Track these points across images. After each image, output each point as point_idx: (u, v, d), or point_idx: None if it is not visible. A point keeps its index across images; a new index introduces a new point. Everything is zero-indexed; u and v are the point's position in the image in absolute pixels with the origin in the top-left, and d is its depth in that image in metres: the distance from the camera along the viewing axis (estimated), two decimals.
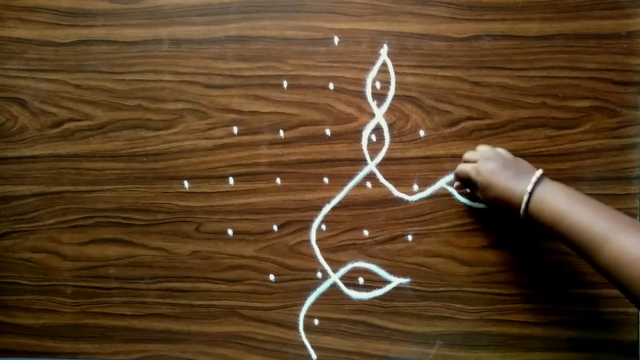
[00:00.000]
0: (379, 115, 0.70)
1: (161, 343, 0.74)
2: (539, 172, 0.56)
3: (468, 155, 0.65)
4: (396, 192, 0.70)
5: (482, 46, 0.68)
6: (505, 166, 0.58)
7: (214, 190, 0.72)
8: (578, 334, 0.69)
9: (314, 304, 0.72)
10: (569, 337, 0.70)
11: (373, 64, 0.69)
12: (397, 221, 0.70)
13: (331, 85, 0.69)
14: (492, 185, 0.58)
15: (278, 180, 0.71)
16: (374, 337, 0.71)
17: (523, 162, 0.60)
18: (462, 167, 0.63)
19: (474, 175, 0.60)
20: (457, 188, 0.68)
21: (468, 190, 0.68)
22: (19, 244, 0.74)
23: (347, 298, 0.71)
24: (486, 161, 0.60)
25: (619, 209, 0.67)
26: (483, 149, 0.63)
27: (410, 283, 0.71)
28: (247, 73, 0.70)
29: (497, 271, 0.70)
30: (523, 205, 0.55)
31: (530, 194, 0.55)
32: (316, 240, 0.71)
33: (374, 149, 0.70)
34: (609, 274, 0.48)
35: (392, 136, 0.70)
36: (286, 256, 0.72)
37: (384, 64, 0.69)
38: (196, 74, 0.70)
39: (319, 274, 0.71)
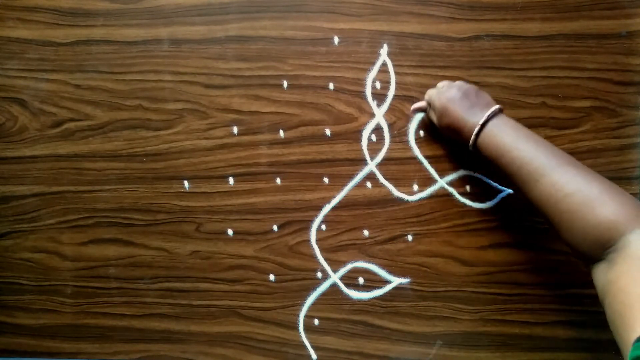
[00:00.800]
0: (379, 115, 0.70)
1: (161, 343, 0.74)
2: (496, 107, 0.57)
3: (440, 83, 0.65)
4: (396, 192, 0.70)
5: (482, 46, 0.68)
6: (464, 96, 0.59)
7: (214, 190, 0.72)
8: (578, 334, 0.69)
9: (314, 304, 0.72)
10: (569, 337, 0.70)
11: (373, 64, 0.69)
12: (397, 221, 0.70)
13: (331, 85, 0.69)
14: (448, 112, 0.59)
15: (278, 180, 0.71)
16: (374, 337, 0.71)
17: (485, 96, 0.60)
18: (428, 91, 0.65)
19: (435, 99, 0.62)
20: (414, 110, 0.68)
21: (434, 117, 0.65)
22: (19, 244, 0.74)
23: (347, 298, 0.71)
24: (449, 88, 0.61)
25: None
26: (455, 82, 0.63)
27: (410, 283, 0.71)
28: (247, 73, 0.70)
29: (497, 271, 0.70)
30: (473, 137, 0.56)
31: (482, 127, 0.56)
32: (316, 240, 0.71)
33: (374, 149, 0.70)
34: (542, 208, 0.49)
35: (392, 136, 0.70)
36: (286, 256, 0.72)
37: (384, 64, 0.69)
38: (196, 74, 0.70)
39: (319, 274, 0.71)
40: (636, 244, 0.41)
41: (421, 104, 0.67)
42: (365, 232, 0.71)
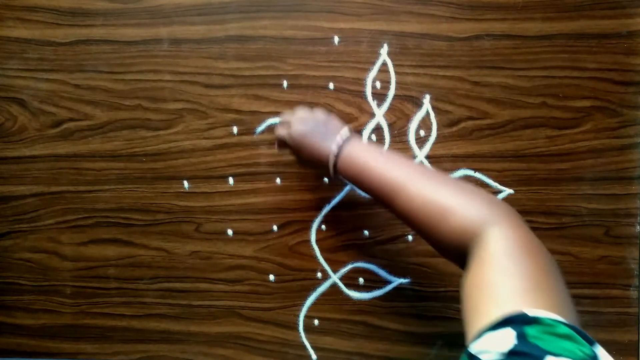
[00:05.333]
0: (379, 115, 0.70)
1: (161, 343, 0.74)
2: (344, 131, 0.57)
3: (284, 117, 0.64)
4: None
5: (482, 46, 0.68)
6: (315, 128, 0.59)
7: (214, 190, 0.72)
8: None
9: (314, 304, 0.72)
10: None
11: (373, 63, 0.69)
12: (397, 221, 0.70)
13: (331, 85, 0.69)
14: (303, 148, 0.59)
15: (278, 180, 0.71)
16: (374, 338, 0.71)
17: (333, 122, 0.60)
18: (277, 132, 0.63)
19: (287, 139, 0.61)
20: (278, 148, 0.65)
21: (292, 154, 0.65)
22: (18, 244, 0.74)
23: (347, 298, 0.71)
24: (297, 124, 0.60)
25: (619, 209, 0.68)
26: (297, 112, 0.62)
27: (410, 283, 0.71)
28: (247, 73, 0.70)
29: None
30: (331, 168, 0.57)
31: (337, 154, 0.56)
32: (316, 240, 0.71)
33: None
34: (405, 223, 0.51)
35: (392, 136, 0.69)
36: (286, 256, 0.72)
37: (384, 64, 0.69)
38: (196, 74, 0.70)
39: (319, 274, 0.71)
40: (488, 239, 0.42)
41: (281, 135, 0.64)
42: (366, 232, 0.71)
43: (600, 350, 0.32)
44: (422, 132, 0.69)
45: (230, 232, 0.72)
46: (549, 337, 0.32)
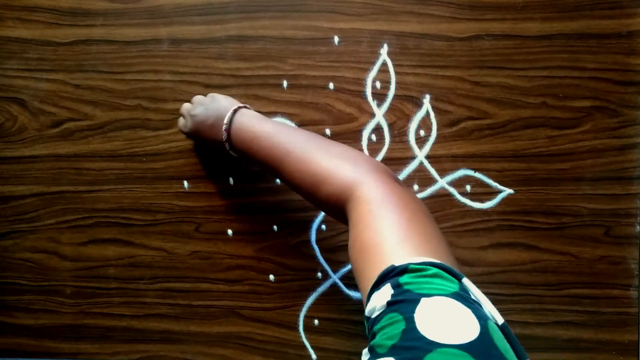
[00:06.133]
0: (379, 115, 0.70)
1: (161, 343, 0.74)
2: (230, 111, 0.60)
3: (181, 109, 0.66)
4: None
5: (482, 46, 0.68)
6: (206, 115, 0.61)
7: (214, 190, 0.72)
8: (578, 334, 0.69)
9: (314, 304, 0.72)
10: (569, 337, 0.70)
11: (373, 63, 0.69)
12: None
13: (331, 85, 0.69)
14: (200, 136, 0.63)
15: (278, 180, 0.71)
16: None
17: (224, 102, 0.62)
18: (179, 123, 0.67)
19: (185, 130, 0.65)
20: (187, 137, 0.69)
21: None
22: (18, 244, 0.74)
23: (347, 298, 0.71)
24: (190, 117, 0.63)
25: (619, 209, 0.68)
26: (193, 101, 0.65)
27: None
28: (247, 73, 0.70)
29: (497, 271, 0.70)
30: (224, 139, 0.59)
31: (228, 128, 0.59)
32: (316, 240, 0.71)
33: (374, 149, 0.70)
34: (292, 189, 0.55)
35: (392, 136, 0.69)
36: (286, 256, 0.72)
37: (384, 64, 0.69)
38: (196, 74, 0.70)
39: (319, 274, 0.71)
40: (357, 200, 0.45)
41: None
42: None
43: (467, 282, 0.36)
44: (422, 132, 0.69)
45: (230, 232, 0.72)
46: (420, 280, 0.34)
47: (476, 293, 0.35)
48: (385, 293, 0.35)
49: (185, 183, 0.72)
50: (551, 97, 0.68)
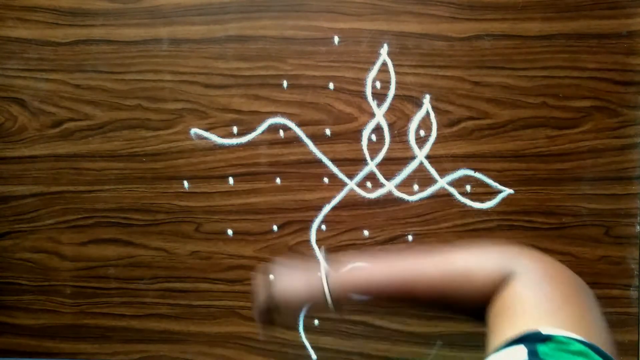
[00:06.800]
0: (379, 115, 0.70)
1: (161, 343, 0.74)
2: (323, 272, 0.51)
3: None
4: (396, 192, 0.70)
5: (482, 46, 0.68)
6: (282, 282, 0.53)
7: (214, 190, 0.71)
8: None
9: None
10: None
11: (373, 63, 0.69)
12: (397, 221, 0.70)
13: (331, 85, 0.69)
14: (286, 311, 0.53)
15: (278, 180, 0.71)
16: (374, 338, 0.71)
17: (294, 271, 0.54)
18: (255, 316, 0.54)
19: (266, 311, 0.53)
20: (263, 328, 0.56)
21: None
22: (18, 244, 0.74)
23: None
24: (259, 296, 0.53)
25: (619, 209, 0.68)
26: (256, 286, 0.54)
27: None
28: (247, 73, 0.70)
29: None
30: (330, 305, 0.50)
31: (330, 291, 0.50)
32: (316, 240, 0.71)
33: (374, 149, 0.70)
34: (432, 303, 0.48)
35: (392, 136, 0.69)
36: (286, 256, 0.72)
37: (384, 64, 0.69)
38: (196, 74, 0.70)
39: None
40: (518, 272, 0.40)
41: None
42: (365, 232, 0.71)
43: None
44: (422, 132, 0.69)
45: (230, 232, 0.72)
46: (561, 354, 0.31)
47: None
48: (517, 355, 0.32)
49: (185, 183, 0.72)
50: (551, 97, 0.68)
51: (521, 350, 0.32)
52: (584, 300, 0.38)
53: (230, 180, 0.71)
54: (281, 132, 0.70)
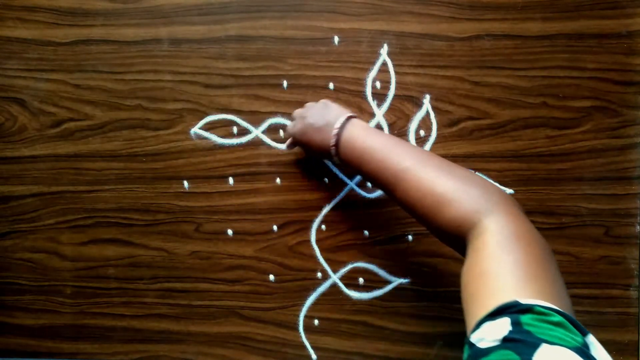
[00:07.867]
0: (379, 115, 0.70)
1: (161, 343, 0.74)
2: (341, 119, 0.58)
3: (293, 115, 0.67)
4: None
5: (482, 46, 0.68)
6: (316, 119, 0.61)
7: (214, 190, 0.72)
8: None
9: (314, 304, 0.72)
10: None
11: (373, 63, 0.69)
12: (397, 221, 0.70)
13: (331, 85, 0.69)
14: (306, 139, 0.62)
15: (278, 180, 0.71)
16: (374, 338, 0.71)
17: (333, 111, 0.61)
18: (287, 132, 0.67)
19: (292, 131, 0.65)
20: (288, 147, 0.69)
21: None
22: (18, 244, 0.74)
23: (347, 298, 0.71)
24: (300, 119, 0.63)
25: (619, 209, 0.68)
26: (306, 106, 0.66)
27: (410, 283, 0.71)
28: (247, 73, 0.70)
29: None
30: (332, 152, 0.58)
31: (337, 140, 0.57)
32: (316, 240, 0.71)
33: None
34: (405, 209, 0.51)
35: None
36: (286, 256, 0.72)
37: (384, 64, 0.69)
38: (196, 74, 0.70)
39: (319, 274, 0.71)
40: (484, 229, 0.42)
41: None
42: (366, 232, 0.71)
43: (592, 340, 0.33)
44: (422, 132, 0.69)
45: (230, 232, 0.72)
46: (543, 325, 0.33)
47: (600, 352, 0.33)
48: (501, 327, 0.33)
49: (185, 183, 0.72)
50: (551, 97, 0.68)
51: (504, 322, 0.34)
52: (552, 266, 0.40)
53: (230, 180, 0.71)
54: (281, 132, 0.70)
